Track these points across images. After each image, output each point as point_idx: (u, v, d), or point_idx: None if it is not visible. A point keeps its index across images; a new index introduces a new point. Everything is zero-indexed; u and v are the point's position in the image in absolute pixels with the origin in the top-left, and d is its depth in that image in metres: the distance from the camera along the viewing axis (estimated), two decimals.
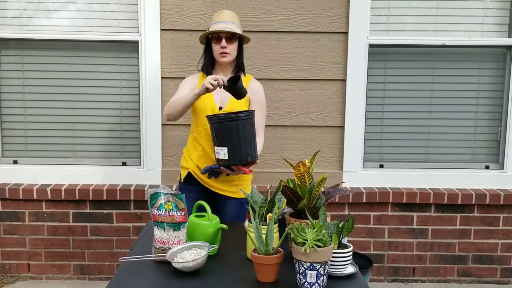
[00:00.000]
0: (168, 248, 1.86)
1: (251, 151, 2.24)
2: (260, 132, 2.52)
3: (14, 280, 3.33)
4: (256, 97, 2.51)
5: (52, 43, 3.25)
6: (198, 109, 2.46)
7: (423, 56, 3.34)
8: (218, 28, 2.42)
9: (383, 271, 3.41)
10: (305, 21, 3.20)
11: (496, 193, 3.29)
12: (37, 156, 3.37)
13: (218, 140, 2.23)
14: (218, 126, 2.21)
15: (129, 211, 3.29)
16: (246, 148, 2.22)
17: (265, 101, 2.56)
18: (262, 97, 2.53)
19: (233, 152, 2.21)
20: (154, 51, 3.19)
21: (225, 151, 2.21)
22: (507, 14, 3.29)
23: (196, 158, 2.49)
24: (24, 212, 3.28)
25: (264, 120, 2.56)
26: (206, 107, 2.44)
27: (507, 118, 3.33)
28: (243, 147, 2.21)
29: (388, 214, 3.33)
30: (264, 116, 2.55)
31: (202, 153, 2.48)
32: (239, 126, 2.19)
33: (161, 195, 1.88)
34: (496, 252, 3.39)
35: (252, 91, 2.51)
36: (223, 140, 2.21)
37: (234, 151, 2.21)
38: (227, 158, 2.22)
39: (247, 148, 2.22)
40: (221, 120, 2.20)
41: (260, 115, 2.51)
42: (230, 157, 2.22)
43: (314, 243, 1.58)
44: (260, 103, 2.52)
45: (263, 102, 2.54)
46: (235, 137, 2.20)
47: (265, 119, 2.57)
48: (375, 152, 3.42)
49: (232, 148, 2.20)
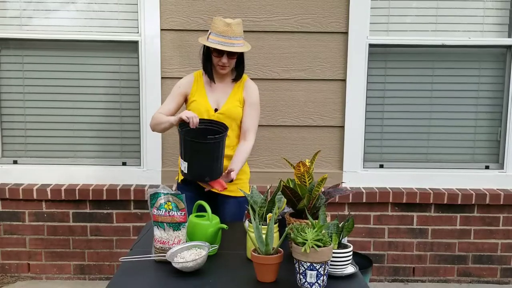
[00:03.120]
0: (168, 248, 1.86)
1: (210, 172, 2.24)
2: (252, 133, 2.49)
3: (14, 280, 3.33)
4: (250, 99, 2.49)
5: (52, 43, 3.25)
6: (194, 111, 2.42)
7: (423, 56, 3.34)
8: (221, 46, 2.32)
9: (383, 271, 3.41)
10: (305, 21, 3.20)
11: (496, 193, 3.29)
12: (37, 156, 3.37)
13: (183, 153, 2.24)
14: (185, 140, 2.20)
15: (129, 211, 3.29)
16: (206, 169, 2.22)
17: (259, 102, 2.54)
18: (256, 99, 2.51)
19: (191, 169, 2.22)
20: (154, 51, 3.19)
21: (186, 165, 2.23)
22: (507, 14, 3.29)
23: None
24: (24, 212, 3.28)
25: (257, 121, 2.53)
26: (201, 108, 2.43)
27: (507, 118, 3.33)
28: (203, 167, 2.22)
29: (388, 214, 3.33)
30: (257, 118, 2.52)
31: None
32: (205, 148, 2.19)
33: (161, 195, 1.88)
34: (496, 252, 3.39)
35: (246, 93, 2.49)
36: (186, 155, 2.22)
37: (193, 168, 2.22)
38: (186, 172, 2.25)
39: (207, 169, 2.22)
40: (190, 138, 2.18)
41: (253, 117, 2.49)
42: (188, 173, 2.25)
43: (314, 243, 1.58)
44: (254, 105, 2.50)
45: (257, 104, 2.52)
46: (198, 157, 2.20)
47: (258, 120, 2.53)
48: (375, 152, 3.42)
49: (191, 165, 2.22)
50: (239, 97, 2.48)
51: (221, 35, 2.34)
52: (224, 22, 2.34)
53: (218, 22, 2.36)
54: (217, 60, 2.39)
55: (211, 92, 2.47)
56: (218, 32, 2.34)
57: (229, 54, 2.37)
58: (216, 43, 2.34)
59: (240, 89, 2.49)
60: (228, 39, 2.34)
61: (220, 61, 2.38)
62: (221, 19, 2.36)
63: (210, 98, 2.46)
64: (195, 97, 2.46)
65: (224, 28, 2.33)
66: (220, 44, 2.33)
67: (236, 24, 2.35)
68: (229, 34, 2.33)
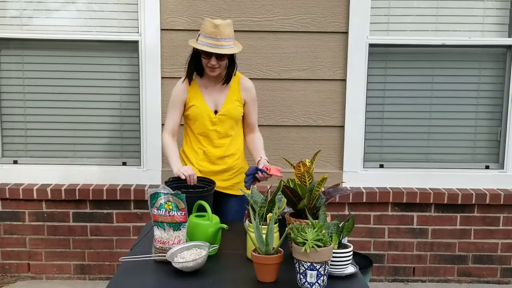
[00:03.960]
0: (168, 248, 1.86)
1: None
2: (256, 127, 2.61)
3: (14, 280, 3.33)
4: (250, 96, 2.53)
5: (52, 43, 3.25)
6: (194, 116, 2.43)
7: (423, 56, 3.34)
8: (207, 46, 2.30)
9: (383, 271, 3.41)
10: (305, 21, 3.20)
11: (496, 193, 3.29)
12: (37, 156, 3.36)
13: None
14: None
15: (129, 211, 3.29)
16: None
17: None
18: (255, 95, 2.56)
19: None
20: (154, 51, 3.19)
21: None
22: (507, 14, 3.29)
23: (197, 162, 2.49)
24: (24, 212, 3.28)
25: (257, 115, 2.62)
26: (201, 112, 2.43)
27: (507, 118, 3.33)
28: None
29: (388, 214, 3.33)
30: (257, 112, 2.61)
31: (203, 156, 2.48)
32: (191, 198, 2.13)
33: (161, 195, 1.88)
34: (496, 252, 3.39)
35: (245, 92, 2.51)
36: None
37: None
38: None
39: None
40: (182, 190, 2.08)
41: (255, 112, 2.59)
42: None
43: (314, 243, 1.58)
44: (254, 101, 2.56)
45: (256, 99, 2.58)
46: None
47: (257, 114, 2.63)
48: (375, 152, 3.42)
49: None
50: (238, 97, 2.48)
51: (209, 37, 2.30)
52: (212, 24, 2.30)
53: (207, 24, 2.33)
54: (206, 62, 2.37)
55: (208, 95, 2.46)
56: (207, 34, 2.31)
57: (218, 56, 2.34)
58: (205, 45, 2.30)
59: (237, 88, 2.50)
60: (217, 41, 2.30)
61: (209, 63, 2.35)
62: (210, 20, 2.32)
63: (208, 101, 2.45)
64: (193, 102, 2.44)
65: (212, 29, 2.30)
66: (209, 46, 2.30)
67: (225, 25, 2.31)
68: (217, 36, 2.29)
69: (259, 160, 2.44)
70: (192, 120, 2.45)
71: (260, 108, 3.24)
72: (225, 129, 2.46)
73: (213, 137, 2.45)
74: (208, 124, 2.43)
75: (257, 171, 2.30)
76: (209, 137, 2.45)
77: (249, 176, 2.31)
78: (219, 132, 2.45)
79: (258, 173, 2.29)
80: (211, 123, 2.44)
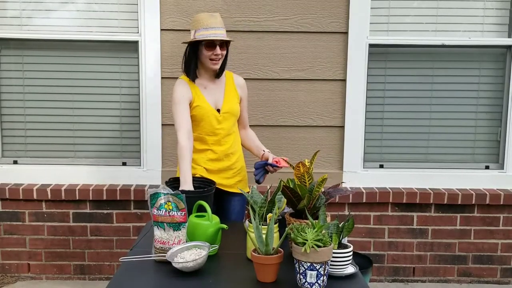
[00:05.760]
0: (168, 248, 1.86)
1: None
2: (248, 123, 2.69)
3: (14, 280, 3.33)
4: (244, 93, 2.60)
5: (52, 43, 3.25)
6: (200, 116, 2.44)
7: (423, 56, 3.34)
8: (214, 35, 2.33)
9: (383, 271, 3.41)
10: (305, 21, 3.20)
11: (496, 193, 3.29)
12: (37, 156, 3.36)
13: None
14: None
15: (129, 211, 3.29)
16: None
17: None
18: (246, 91, 2.63)
19: None
20: (154, 51, 3.19)
21: None
22: (507, 14, 3.29)
23: (204, 162, 2.49)
24: (24, 212, 3.28)
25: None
26: (207, 112, 2.44)
27: (507, 118, 3.33)
28: None
29: (388, 214, 3.33)
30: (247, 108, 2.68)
31: (210, 155, 2.49)
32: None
33: (161, 195, 1.88)
34: (496, 252, 3.39)
35: (241, 89, 2.57)
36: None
37: None
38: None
39: None
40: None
41: (246, 107, 2.65)
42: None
43: (314, 243, 1.58)
44: (246, 97, 2.63)
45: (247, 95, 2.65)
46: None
47: None
48: (375, 152, 3.42)
49: None
50: (235, 94, 2.53)
51: (210, 28, 2.33)
52: (209, 14, 2.37)
53: (203, 16, 2.37)
54: (210, 54, 2.37)
55: (209, 95, 2.48)
56: (207, 26, 2.34)
57: (221, 46, 2.38)
58: (212, 36, 2.33)
59: (232, 85, 2.54)
60: (218, 30, 2.35)
61: (213, 54, 2.36)
62: (202, 14, 2.39)
63: (209, 101, 2.47)
64: (198, 102, 2.44)
65: (211, 20, 2.35)
66: (215, 35, 2.33)
67: (219, 15, 2.41)
68: (217, 24, 2.36)
69: (263, 154, 2.49)
70: (197, 121, 2.45)
71: (260, 108, 3.24)
72: (229, 126, 2.50)
73: (220, 135, 2.48)
74: (214, 123, 2.45)
75: (267, 165, 2.32)
76: (216, 136, 2.47)
77: (259, 169, 2.33)
78: (225, 130, 2.48)
79: (269, 167, 2.33)
80: (217, 121, 2.46)
